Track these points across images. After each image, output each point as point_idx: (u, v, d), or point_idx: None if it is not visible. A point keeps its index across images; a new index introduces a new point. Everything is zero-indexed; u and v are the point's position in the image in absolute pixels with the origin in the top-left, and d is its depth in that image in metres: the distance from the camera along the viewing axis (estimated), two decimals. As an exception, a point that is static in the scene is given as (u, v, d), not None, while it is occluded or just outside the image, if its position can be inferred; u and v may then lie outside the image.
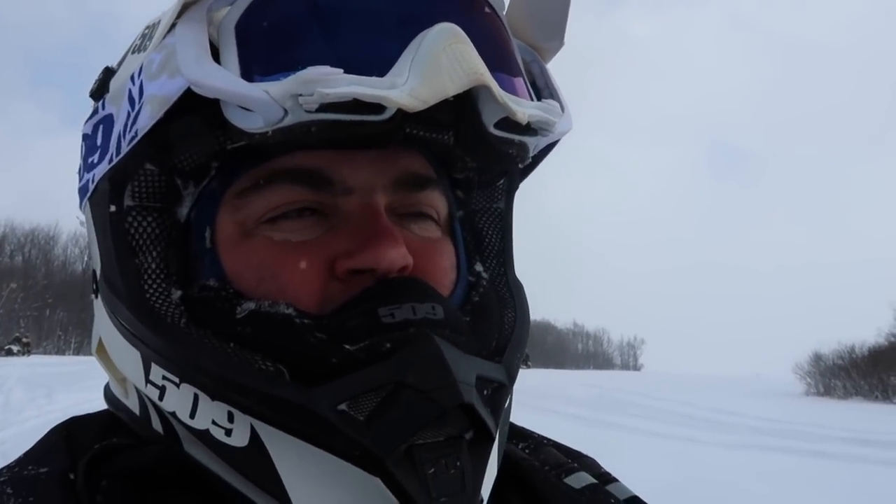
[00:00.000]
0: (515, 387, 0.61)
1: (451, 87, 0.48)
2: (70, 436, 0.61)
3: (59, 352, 67.70)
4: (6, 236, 76.80)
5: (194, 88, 0.49)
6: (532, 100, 0.59)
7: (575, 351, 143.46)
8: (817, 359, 37.93)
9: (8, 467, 0.58)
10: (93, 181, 0.58)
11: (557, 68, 0.66)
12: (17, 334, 53.54)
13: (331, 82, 0.46)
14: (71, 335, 72.04)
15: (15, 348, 44.56)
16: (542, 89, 0.63)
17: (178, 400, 0.53)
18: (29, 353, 45.71)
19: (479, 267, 0.67)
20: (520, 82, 0.58)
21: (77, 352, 66.51)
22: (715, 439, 11.03)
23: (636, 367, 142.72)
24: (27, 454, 0.60)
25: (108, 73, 0.62)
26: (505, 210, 0.71)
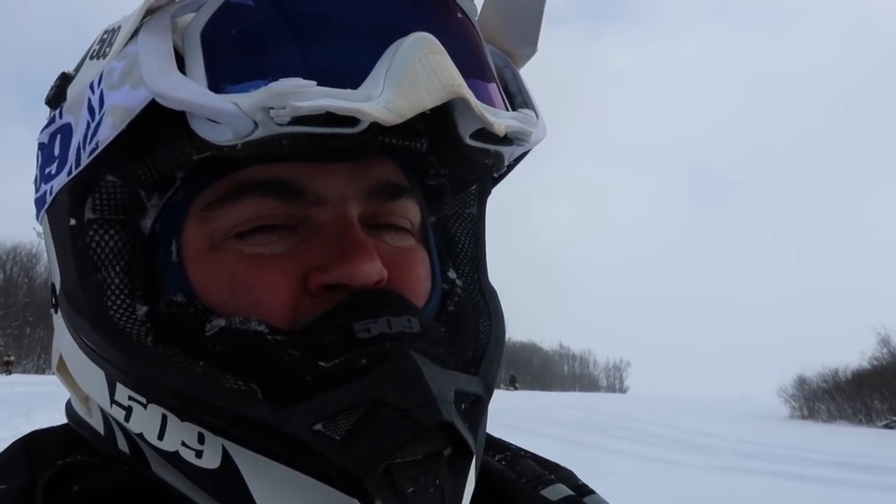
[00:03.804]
0: (500, 408, 0.60)
1: (427, 100, 0.46)
2: (30, 451, 0.58)
3: (39, 370, 66.47)
4: (-13, 253, 75.82)
5: (159, 100, 0.47)
6: (506, 106, 0.58)
7: (561, 373, 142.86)
8: (801, 382, 38.02)
9: None
10: (50, 193, 0.56)
11: (541, 90, 0.66)
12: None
13: (303, 95, 0.44)
14: (51, 354, 70.81)
15: (-5, 367, 43.73)
16: (514, 95, 0.62)
17: (145, 421, 0.51)
18: (10, 371, 44.86)
19: (452, 273, 0.66)
20: (493, 88, 0.57)
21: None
22: (699, 462, 11.00)
23: (622, 390, 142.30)
24: None
25: (65, 80, 0.59)
26: (477, 215, 0.70)
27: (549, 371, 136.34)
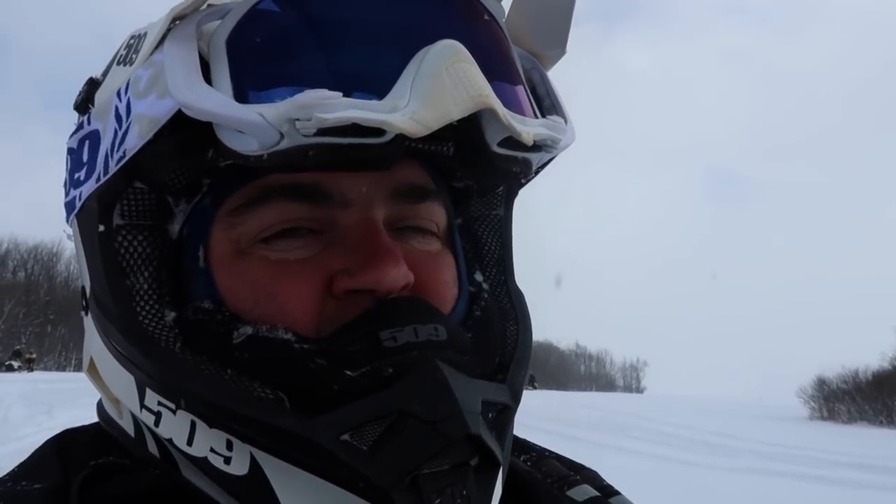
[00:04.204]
0: (516, 408, 0.60)
1: (454, 111, 0.46)
2: (63, 450, 0.60)
3: (60, 368, 67.35)
4: (9, 252, 76.89)
5: (185, 111, 0.47)
6: (533, 109, 0.58)
7: (577, 372, 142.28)
8: (821, 383, 37.58)
9: (1, 481, 0.57)
10: (80, 198, 0.57)
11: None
12: (19, 348, 53.27)
13: (329, 107, 0.44)
14: (72, 352, 71.73)
15: (16, 363, 44.32)
16: (542, 98, 0.62)
17: (174, 427, 0.51)
18: (32, 369, 45.42)
19: (479, 276, 0.66)
20: (521, 91, 0.57)
21: (77, 368, 66.05)
22: (717, 463, 10.90)
23: (639, 390, 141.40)
24: (21, 468, 0.59)
25: (93, 85, 0.60)
26: (504, 217, 0.70)
27: (565, 371, 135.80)
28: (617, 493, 0.74)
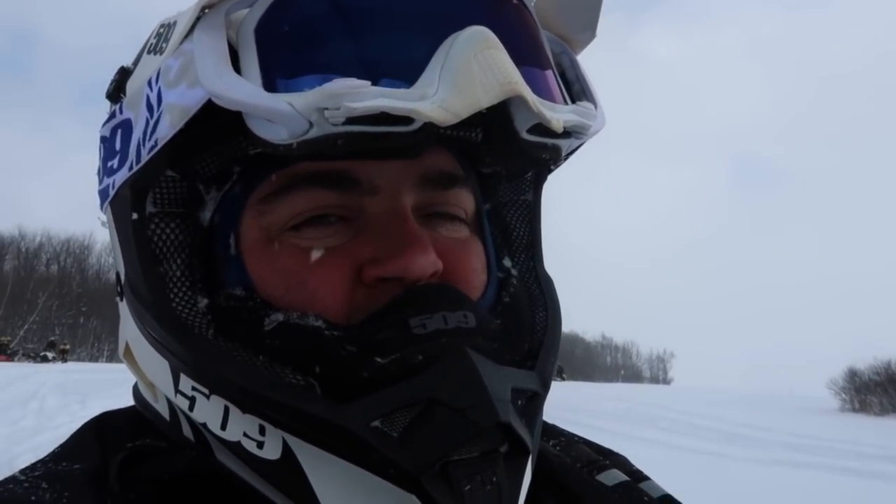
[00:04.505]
0: (541, 400, 0.59)
1: (484, 99, 0.46)
2: (101, 432, 0.61)
3: (93, 359, 68.79)
4: (42, 246, 78.55)
5: (215, 100, 0.48)
6: (563, 95, 0.57)
7: (603, 364, 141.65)
8: (852, 374, 36.99)
9: (42, 462, 0.58)
10: (113, 187, 0.58)
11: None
12: (53, 339, 54.50)
13: (358, 95, 0.44)
14: (104, 343, 73.17)
15: (50, 354, 45.34)
16: (572, 83, 0.61)
17: (208, 411, 0.52)
18: (66, 359, 46.45)
19: (507, 262, 0.66)
20: (550, 76, 0.56)
21: (110, 359, 67.50)
22: (746, 455, 10.80)
23: (665, 381, 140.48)
24: (61, 449, 0.60)
25: (125, 74, 0.60)
26: (533, 202, 0.69)
27: (591, 362, 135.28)
28: (647, 478, 0.73)
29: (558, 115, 0.52)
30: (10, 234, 77.64)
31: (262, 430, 0.50)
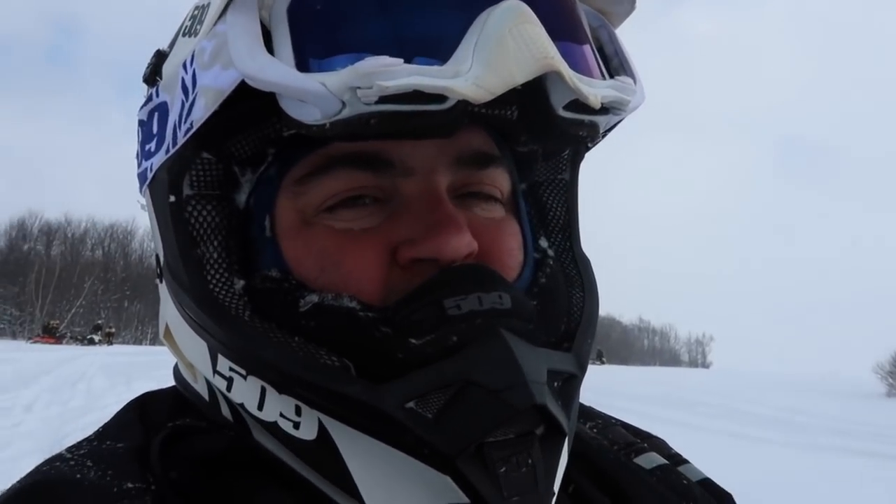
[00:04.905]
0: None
1: (519, 75, 0.45)
2: (144, 413, 0.63)
3: (137, 342, 70.71)
4: (87, 231, 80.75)
5: (248, 82, 0.47)
6: (601, 70, 0.56)
7: (640, 347, 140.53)
8: (900, 358, 36.08)
9: (87, 440, 0.60)
10: (151, 170, 0.58)
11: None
12: (99, 322, 56.10)
13: (390, 74, 0.43)
14: (147, 326, 75.07)
15: (96, 337, 46.70)
16: (610, 57, 0.59)
17: (245, 392, 0.53)
18: (112, 342, 47.80)
19: (543, 242, 0.65)
20: (587, 51, 0.55)
21: (153, 342, 69.26)
22: (787, 440, 10.64)
23: (704, 365, 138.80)
24: (105, 428, 0.62)
25: (161, 58, 0.61)
26: (570, 181, 0.68)
27: (627, 346, 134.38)
28: (686, 461, 0.72)
29: (596, 90, 0.51)
30: (57, 221, 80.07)
31: (298, 411, 0.51)
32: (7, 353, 22.62)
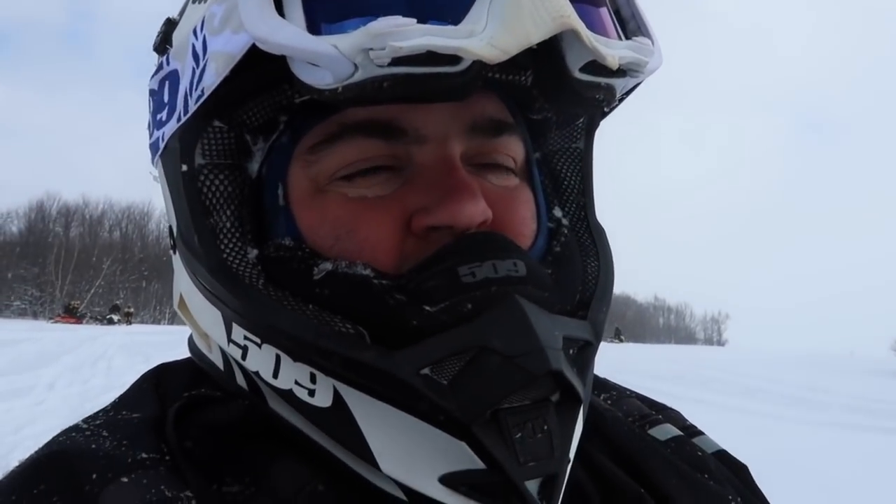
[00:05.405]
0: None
1: (535, 34, 0.44)
2: (159, 383, 0.63)
3: (155, 321, 71.53)
4: (105, 213, 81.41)
5: (259, 45, 0.47)
6: (618, 31, 0.55)
7: (655, 325, 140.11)
8: (919, 336, 35.75)
9: (104, 411, 0.60)
10: (162, 139, 0.58)
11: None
12: (118, 303, 56.78)
13: (403, 34, 0.43)
14: (165, 306, 75.91)
15: (116, 317, 47.29)
16: (627, 20, 0.58)
17: (260, 360, 0.53)
18: (130, 322, 48.41)
19: (557, 212, 0.65)
20: (604, 13, 0.54)
21: (171, 321, 70.04)
22: (803, 417, 10.60)
23: (720, 343, 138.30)
24: (121, 399, 0.62)
25: (171, 26, 0.60)
26: (585, 150, 0.67)
27: (643, 324, 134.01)
28: (701, 432, 0.72)
29: (613, 50, 0.50)
30: (75, 203, 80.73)
31: (312, 378, 0.51)
32: (30, 332, 23.00)
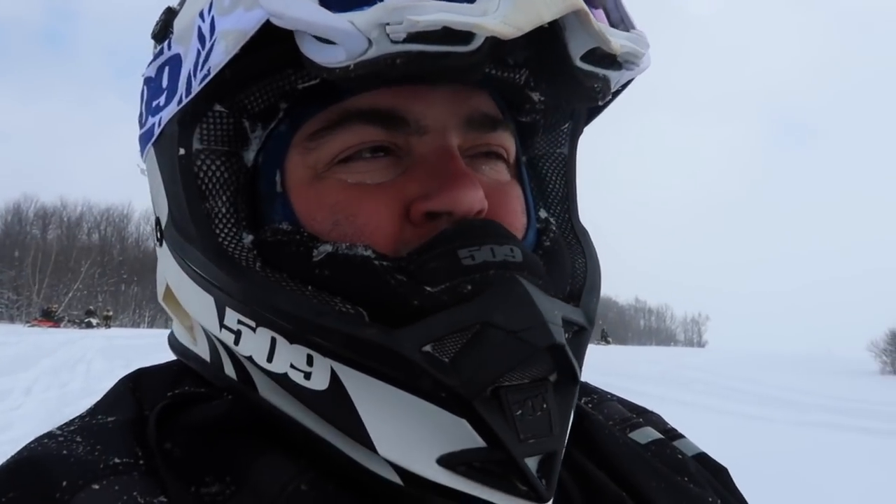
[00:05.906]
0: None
1: (546, 13, 0.45)
2: (137, 387, 0.62)
3: (135, 324, 70.75)
4: (83, 215, 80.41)
5: (274, 20, 0.47)
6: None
7: (637, 327, 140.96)
8: (894, 336, 36.26)
9: (80, 417, 0.59)
10: (159, 125, 0.58)
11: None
12: (91, 307, 56.16)
13: (420, 9, 0.43)
14: (145, 309, 75.09)
15: (94, 320, 46.74)
16: (616, 24, 0.59)
17: (254, 344, 0.52)
18: (109, 325, 47.92)
19: (543, 213, 0.66)
20: (601, 15, 0.55)
21: (151, 325, 69.43)
22: (784, 417, 10.72)
23: (700, 344, 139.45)
24: (97, 404, 0.61)
25: (171, 14, 0.61)
26: (569, 155, 0.69)
27: (624, 325, 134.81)
28: (681, 436, 0.73)
29: (616, 38, 0.51)
30: (52, 205, 79.69)
31: (309, 361, 0.50)
32: (6, 336, 22.63)
